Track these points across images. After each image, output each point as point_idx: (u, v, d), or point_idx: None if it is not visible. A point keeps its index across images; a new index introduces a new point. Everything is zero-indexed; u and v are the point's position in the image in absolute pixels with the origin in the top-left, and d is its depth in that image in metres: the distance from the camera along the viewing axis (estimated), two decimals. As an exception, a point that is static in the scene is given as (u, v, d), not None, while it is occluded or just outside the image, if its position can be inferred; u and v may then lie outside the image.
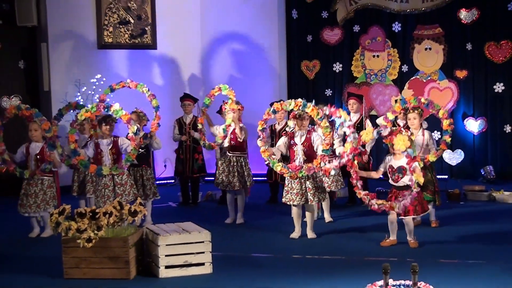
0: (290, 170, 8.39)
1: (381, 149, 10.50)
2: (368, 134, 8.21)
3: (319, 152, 8.35)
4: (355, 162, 8.21)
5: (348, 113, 10.75)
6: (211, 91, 10.07)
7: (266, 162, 8.67)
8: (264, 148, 8.50)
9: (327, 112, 8.38)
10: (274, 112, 8.58)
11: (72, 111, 9.63)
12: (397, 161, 7.97)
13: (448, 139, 9.08)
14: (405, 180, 7.91)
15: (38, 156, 9.14)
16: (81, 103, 11.43)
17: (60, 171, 9.38)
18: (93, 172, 8.81)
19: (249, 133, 9.99)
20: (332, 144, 9.14)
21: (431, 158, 8.85)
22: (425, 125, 9.34)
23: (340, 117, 8.31)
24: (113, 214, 7.05)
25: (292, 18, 14.46)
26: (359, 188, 8.07)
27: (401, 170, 7.92)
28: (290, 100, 8.40)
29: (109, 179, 8.89)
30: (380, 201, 7.96)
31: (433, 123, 11.23)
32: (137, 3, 13.88)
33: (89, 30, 13.46)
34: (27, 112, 9.00)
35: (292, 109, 8.42)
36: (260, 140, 8.49)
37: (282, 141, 8.72)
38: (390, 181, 8.07)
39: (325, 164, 8.31)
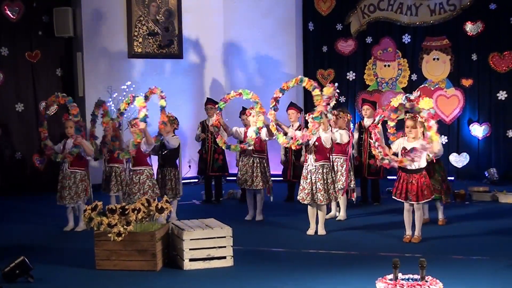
0: (290, 140, 8.39)
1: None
2: (398, 100, 7.85)
3: (311, 120, 8.30)
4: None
5: (362, 118, 10.76)
6: (227, 95, 9.59)
7: (274, 136, 8.70)
8: (273, 123, 8.53)
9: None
10: (282, 91, 8.59)
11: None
12: (410, 143, 7.87)
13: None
14: (415, 164, 7.83)
15: None
16: (112, 107, 11.47)
17: (90, 157, 9.44)
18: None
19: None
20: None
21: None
22: None
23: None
24: (141, 210, 7.06)
25: (308, 30, 14.43)
26: (376, 147, 7.92)
27: (414, 151, 7.82)
28: (292, 79, 8.48)
29: (129, 178, 9.05)
30: (392, 157, 7.85)
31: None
32: (165, 16, 13.92)
33: (120, 41, 13.51)
34: (62, 100, 9.34)
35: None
36: (270, 114, 8.57)
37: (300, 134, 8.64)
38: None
39: (316, 132, 8.25)
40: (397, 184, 8.00)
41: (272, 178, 10.02)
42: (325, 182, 8.42)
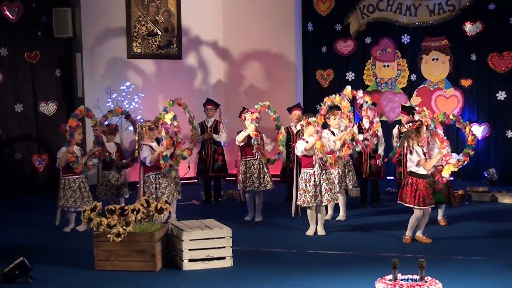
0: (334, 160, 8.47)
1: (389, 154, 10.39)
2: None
3: (338, 146, 8.61)
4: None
5: (361, 119, 10.73)
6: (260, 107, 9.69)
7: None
8: (320, 143, 8.34)
9: (360, 95, 8.83)
10: (330, 107, 8.71)
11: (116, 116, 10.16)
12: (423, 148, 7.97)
13: (471, 152, 8.96)
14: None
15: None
16: (112, 108, 11.39)
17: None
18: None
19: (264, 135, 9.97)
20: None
21: (453, 168, 8.61)
22: None
23: (366, 102, 8.82)
24: (140, 211, 7.06)
25: (308, 31, 14.41)
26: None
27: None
28: (336, 95, 8.61)
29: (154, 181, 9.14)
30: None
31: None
32: (164, 16, 13.91)
33: (120, 41, 13.49)
34: (91, 114, 9.58)
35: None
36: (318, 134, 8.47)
37: (303, 144, 8.57)
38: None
39: (352, 150, 8.58)
40: (419, 192, 7.88)
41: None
42: (329, 182, 8.49)
